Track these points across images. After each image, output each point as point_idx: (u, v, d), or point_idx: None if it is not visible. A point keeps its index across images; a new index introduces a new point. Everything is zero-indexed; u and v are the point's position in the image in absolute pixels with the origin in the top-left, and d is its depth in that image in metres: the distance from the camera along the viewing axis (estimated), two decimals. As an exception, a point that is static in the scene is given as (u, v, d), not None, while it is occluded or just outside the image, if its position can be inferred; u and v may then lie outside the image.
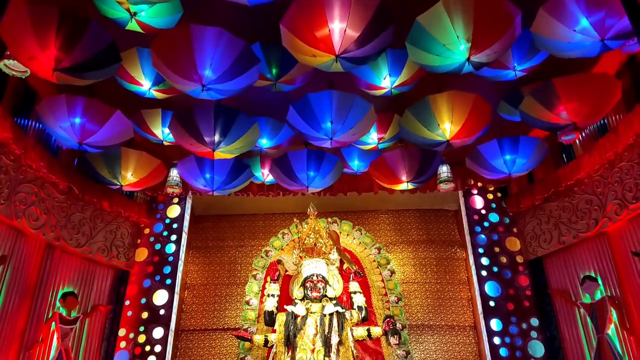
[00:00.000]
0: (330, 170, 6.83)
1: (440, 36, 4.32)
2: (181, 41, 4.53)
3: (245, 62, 4.73)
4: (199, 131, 5.53)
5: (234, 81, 4.80)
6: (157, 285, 7.51)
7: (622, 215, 6.10)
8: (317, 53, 4.33)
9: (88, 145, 5.79)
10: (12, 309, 6.09)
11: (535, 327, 7.01)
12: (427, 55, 4.54)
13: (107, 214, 7.54)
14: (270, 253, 8.79)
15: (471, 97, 5.43)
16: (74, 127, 5.62)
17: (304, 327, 6.99)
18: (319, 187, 7.09)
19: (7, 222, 6.05)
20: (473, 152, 6.50)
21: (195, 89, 4.81)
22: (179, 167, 7.15)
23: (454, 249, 8.84)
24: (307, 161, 6.69)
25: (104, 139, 5.81)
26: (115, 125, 5.75)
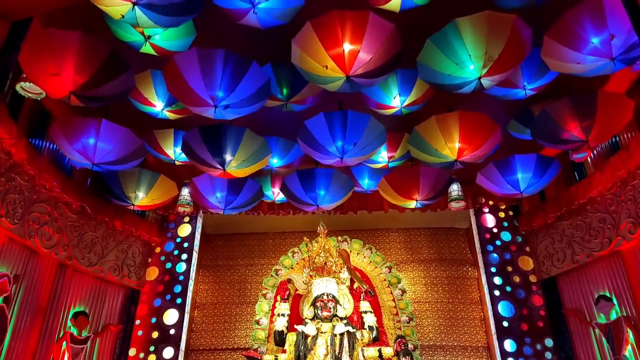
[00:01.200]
0: (340, 189, 6.84)
1: (451, 55, 4.36)
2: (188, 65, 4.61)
3: (254, 78, 4.77)
4: (208, 153, 5.55)
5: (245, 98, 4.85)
6: (168, 305, 7.51)
7: (636, 234, 6.02)
8: (330, 64, 4.36)
9: (101, 166, 5.86)
10: (24, 328, 6.10)
11: (550, 348, 6.89)
12: (438, 74, 4.58)
13: (119, 233, 7.59)
14: (280, 272, 8.76)
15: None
16: (87, 148, 5.69)
17: (314, 347, 6.94)
18: (329, 206, 7.09)
19: (20, 241, 6.11)
20: (484, 170, 6.48)
21: (208, 110, 4.86)
22: (190, 186, 7.21)
23: (466, 268, 8.75)
24: (318, 180, 6.71)
25: (117, 159, 5.88)
26: (128, 146, 5.82)
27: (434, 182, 6.56)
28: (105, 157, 5.77)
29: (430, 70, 4.58)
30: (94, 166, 5.80)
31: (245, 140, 5.71)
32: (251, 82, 4.76)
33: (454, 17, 4.27)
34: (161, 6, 3.94)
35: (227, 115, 4.95)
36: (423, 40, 4.47)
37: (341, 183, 6.83)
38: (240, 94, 4.76)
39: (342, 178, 6.81)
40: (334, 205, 7.19)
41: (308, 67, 4.51)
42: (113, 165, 5.90)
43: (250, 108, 4.99)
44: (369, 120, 5.56)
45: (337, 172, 6.85)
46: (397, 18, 4.32)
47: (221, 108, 4.77)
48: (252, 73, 4.72)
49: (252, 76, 4.74)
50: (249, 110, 5.03)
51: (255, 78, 4.78)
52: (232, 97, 4.76)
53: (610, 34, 4.14)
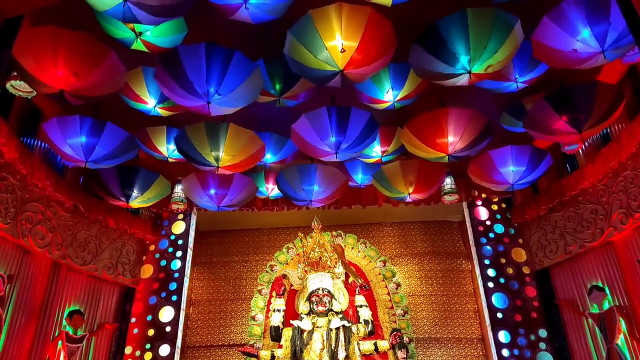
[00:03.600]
0: (334, 184, 6.85)
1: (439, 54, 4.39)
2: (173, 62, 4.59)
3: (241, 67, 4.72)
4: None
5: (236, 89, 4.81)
6: (163, 302, 7.50)
7: (627, 225, 6.09)
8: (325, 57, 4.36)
9: (94, 163, 5.84)
10: (19, 327, 6.09)
11: (544, 339, 6.96)
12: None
13: (113, 232, 7.56)
14: (275, 267, 8.77)
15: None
16: (79, 146, 5.67)
17: (310, 341, 6.96)
18: (323, 201, 7.11)
19: (13, 241, 6.08)
20: (475, 163, 6.52)
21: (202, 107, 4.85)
22: (184, 183, 7.19)
23: (460, 261, 8.81)
24: (311, 175, 6.72)
25: (109, 157, 5.86)
26: (119, 143, 5.80)
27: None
28: (97, 155, 5.74)
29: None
30: (87, 164, 5.78)
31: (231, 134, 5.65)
32: (238, 72, 4.72)
33: (446, 10, 4.29)
34: (151, 5, 3.92)
35: (221, 109, 4.93)
36: (414, 34, 4.48)
37: (334, 178, 6.84)
38: (229, 86, 4.73)
39: (335, 173, 6.82)
40: (328, 201, 7.21)
41: (301, 58, 4.50)
42: (105, 162, 5.88)
43: (242, 100, 4.95)
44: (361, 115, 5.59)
45: (330, 167, 6.86)
46: (388, 11, 4.33)
47: (214, 103, 4.75)
48: (237, 63, 4.68)
49: (238, 66, 4.69)
50: (242, 102, 4.99)
51: (241, 67, 4.73)
52: (221, 89, 4.74)
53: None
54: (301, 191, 6.83)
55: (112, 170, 6.43)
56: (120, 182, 6.48)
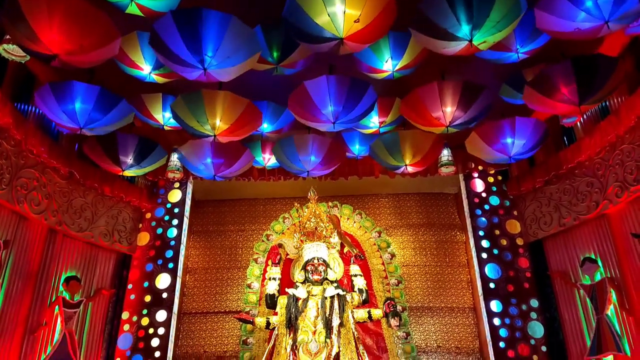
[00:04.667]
0: (332, 155, 6.82)
1: (441, 20, 4.31)
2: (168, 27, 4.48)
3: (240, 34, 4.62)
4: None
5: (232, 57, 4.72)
6: (160, 269, 7.55)
7: (622, 198, 6.13)
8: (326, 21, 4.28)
9: (89, 130, 5.78)
10: (16, 293, 6.13)
11: (535, 309, 7.08)
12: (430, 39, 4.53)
13: (109, 199, 7.55)
14: (271, 237, 8.82)
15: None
16: (74, 112, 5.60)
17: (305, 309, 7.05)
18: (320, 172, 7.09)
19: (9, 207, 6.07)
20: (473, 135, 6.49)
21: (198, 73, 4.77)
22: (180, 152, 7.14)
23: (454, 232, 8.89)
24: (310, 146, 6.68)
25: (104, 123, 5.80)
26: (115, 109, 5.73)
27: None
28: (92, 121, 5.68)
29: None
30: (82, 130, 5.72)
31: (230, 31, 5.45)
32: (234, 38, 4.62)
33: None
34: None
35: (218, 76, 4.86)
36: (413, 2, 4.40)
37: (331, 148, 6.80)
38: (226, 52, 4.64)
39: (332, 143, 6.78)
40: (325, 171, 7.20)
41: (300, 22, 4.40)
42: (100, 129, 5.82)
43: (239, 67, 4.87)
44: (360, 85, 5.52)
45: (327, 137, 6.83)
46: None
47: (211, 70, 4.68)
48: (233, 28, 4.56)
49: (234, 32, 4.58)
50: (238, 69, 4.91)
51: (238, 33, 4.61)
52: (218, 56, 4.64)
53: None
54: (298, 161, 6.80)
55: (107, 138, 6.35)
56: (116, 149, 6.42)
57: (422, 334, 8.14)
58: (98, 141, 6.35)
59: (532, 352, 6.82)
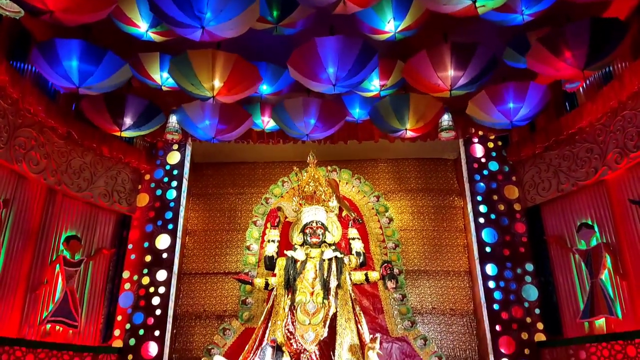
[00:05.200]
0: (332, 119, 6.77)
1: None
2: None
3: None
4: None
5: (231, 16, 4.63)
6: (159, 230, 7.60)
7: (622, 164, 6.13)
8: None
9: (86, 89, 5.72)
10: (17, 251, 6.20)
11: (530, 272, 7.17)
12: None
13: (107, 160, 7.53)
14: (270, 200, 8.86)
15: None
16: (70, 71, 5.53)
17: (303, 271, 7.15)
18: (319, 137, 7.06)
19: (7, 166, 6.07)
20: (475, 99, 6.43)
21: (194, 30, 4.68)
22: (178, 113, 7.09)
23: (452, 198, 8.92)
24: (309, 108, 6.63)
25: (101, 82, 5.73)
26: (112, 68, 5.66)
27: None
28: (89, 80, 5.61)
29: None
30: (79, 90, 5.66)
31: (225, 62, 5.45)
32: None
33: None
34: None
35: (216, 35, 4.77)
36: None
37: (332, 112, 6.75)
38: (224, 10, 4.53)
39: (332, 107, 6.73)
40: (324, 135, 7.16)
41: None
42: (97, 88, 5.75)
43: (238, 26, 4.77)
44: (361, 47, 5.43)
45: (328, 101, 6.76)
46: None
47: (209, 28, 4.59)
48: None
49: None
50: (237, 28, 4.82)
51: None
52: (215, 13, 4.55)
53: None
54: (297, 124, 6.76)
55: (105, 97, 6.29)
56: (113, 109, 6.37)
57: (418, 296, 8.28)
58: (96, 101, 6.29)
59: (525, 314, 6.95)
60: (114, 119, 6.36)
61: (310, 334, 6.80)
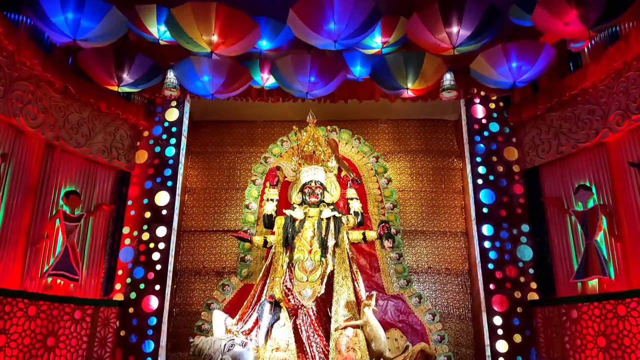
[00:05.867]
0: (332, 76, 6.68)
1: None
2: None
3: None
4: None
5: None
6: (158, 187, 7.60)
7: (623, 126, 6.09)
8: None
9: (82, 42, 5.62)
10: (17, 205, 6.22)
11: (526, 233, 7.24)
12: None
13: (105, 115, 7.47)
14: (269, 160, 8.85)
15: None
16: (66, 23, 5.42)
17: (301, 230, 7.23)
18: (319, 94, 6.98)
19: (5, 119, 6.03)
20: (478, 58, 6.34)
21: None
22: (176, 69, 6.98)
23: (451, 159, 8.92)
24: (310, 66, 6.53)
25: (97, 35, 5.63)
26: (108, 21, 5.55)
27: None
28: (85, 32, 5.51)
29: None
30: (75, 42, 5.56)
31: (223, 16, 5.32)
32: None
33: None
34: None
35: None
36: None
37: (333, 69, 6.65)
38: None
39: (333, 64, 6.63)
40: (324, 93, 7.08)
41: None
42: (94, 40, 5.65)
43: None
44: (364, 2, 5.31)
45: (328, 58, 6.66)
46: None
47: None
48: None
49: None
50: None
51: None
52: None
53: None
54: (297, 82, 6.68)
55: (101, 51, 6.18)
56: (110, 63, 6.27)
57: (414, 256, 8.39)
58: (92, 54, 6.19)
59: (519, 274, 7.05)
60: (111, 73, 6.27)
61: (308, 291, 6.93)
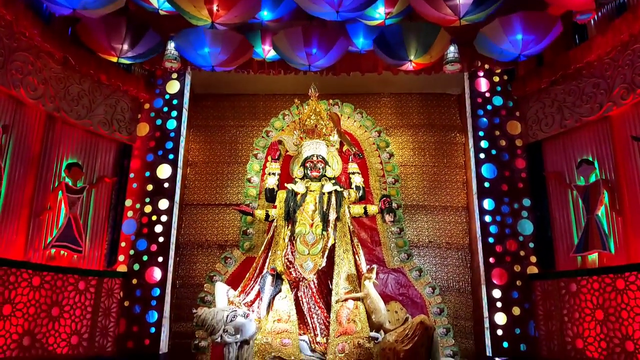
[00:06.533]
0: (334, 48, 6.60)
1: None
2: None
3: None
4: None
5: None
6: (160, 160, 7.59)
7: (627, 100, 6.03)
8: None
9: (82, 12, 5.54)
10: (19, 177, 6.24)
11: (527, 207, 7.23)
12: None
13: (106, 87, 7.42)
14: (270, 133, 8.82)
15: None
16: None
17: (303, 203, 7.26)
18: (321, 66, 6.90)
19: (5, 91, 6.00)
20: (483, 30, 6.24)
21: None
22: (177, 40, 6.91)
23: (454, 134, 8.88)
24: (311, 37, 6.44)
25: (96, 5, 5.54)
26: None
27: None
28: (84, 2, 5.42)
29: None
30: (75, 11, 5.48)
31: None
32: None
33: None
34: None
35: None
36: None
37: (335, 41, 6.57)
38: None
39: (335, 36, 6.54)
40: (326, 65, 7.01)
41: None
42: (93, 10, 5.57)
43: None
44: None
45: (330, 29, 6.56)
46: None
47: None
48: None
49: None
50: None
51: None
52: None
53: None
54: (299, 54, 6.60)
55: (100, 21, 6.10)
56: (110, 34, 6.19)
57: (415, 230, 8.43)
58: (91, 24, 6.11)
59: (519, 247, 7.07)
60: (110, 43, 6.20)
61: (309, 264, 6.99)
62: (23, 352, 5.89)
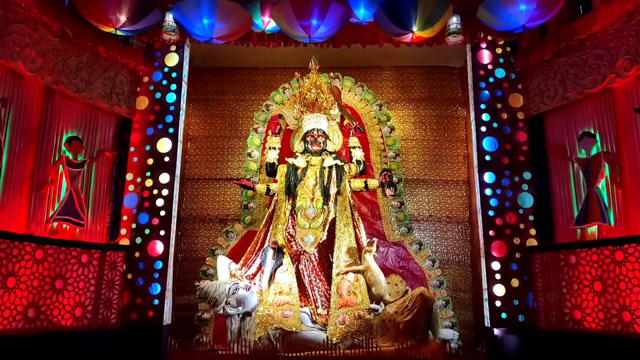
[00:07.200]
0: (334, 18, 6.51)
1: None
2: None
3: None
4: None
5: None
6: (160, 134, 7.54)
7: (631, 72, 5.97)
8: None
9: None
10: (19, 150, 6.22)
11: (527, 180, 7.22)
12: None
13: (104, 60, 7.33)
14: (271, 107, 8.78)
15: None
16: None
17: (304, 178, 7.29)
18: (322, 36, 6.82)
19: (3, 63, 5.95)
20: (485, 1, 6.15)
21: None
22: (175, 11, 6.82)
23: (455, 107, 8.83)
24: (311, 7, 6.35)
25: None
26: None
27: None
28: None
29: None
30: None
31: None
32: None
33: None
34: None
35: None
36: None
37: (334, 11, 6.48)
38: None
39: (335, 6, 6.45)
40: (327, 37, 6.93)
41: None
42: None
43: None
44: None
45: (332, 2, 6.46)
46: None
47: None
48: None
49: None
50: None
51: None
52: None
53: None
54: (298, 25, 6.53)
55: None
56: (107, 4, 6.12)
57: (416, 204, 8.46)
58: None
59: (519, 220, 7.09)
60: (107, 14, 6.12)
61: (310, 237, 7.06)
62: (28, 323, 5.97)
